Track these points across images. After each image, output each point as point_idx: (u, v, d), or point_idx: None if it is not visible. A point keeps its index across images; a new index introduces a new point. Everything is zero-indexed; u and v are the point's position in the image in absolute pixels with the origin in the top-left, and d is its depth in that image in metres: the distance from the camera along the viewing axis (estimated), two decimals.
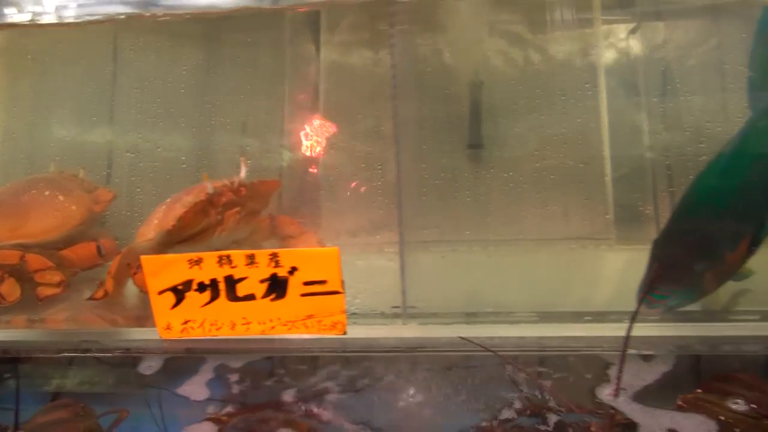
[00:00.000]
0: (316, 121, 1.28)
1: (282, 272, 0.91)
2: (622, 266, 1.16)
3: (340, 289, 0.91)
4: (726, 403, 0.84)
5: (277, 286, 0.92)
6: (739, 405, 0.83)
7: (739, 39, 1.18)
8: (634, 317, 0.84)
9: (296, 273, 0.91)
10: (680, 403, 0.87)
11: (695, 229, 0.85)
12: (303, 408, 0.96)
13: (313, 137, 1.27)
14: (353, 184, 1.21)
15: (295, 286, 0.92)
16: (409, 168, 1.23)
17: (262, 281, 0.92)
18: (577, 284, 1.09)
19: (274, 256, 0.91)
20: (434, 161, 1.26)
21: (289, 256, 0.91)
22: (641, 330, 0.92)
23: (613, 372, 0.91)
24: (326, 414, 0.95)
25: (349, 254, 1.16)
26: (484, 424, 0.89)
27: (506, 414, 0.90)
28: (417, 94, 1.26)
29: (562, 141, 1.25)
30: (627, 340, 0.84)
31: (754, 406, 0.83)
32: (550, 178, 1.24)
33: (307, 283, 0.91)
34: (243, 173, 1.06)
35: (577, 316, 0.93)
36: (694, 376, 0.95)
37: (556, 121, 1.25)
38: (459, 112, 1.25)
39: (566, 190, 1.23)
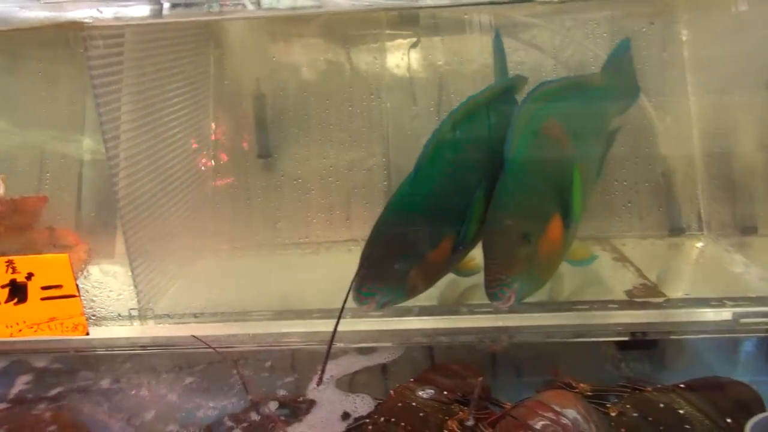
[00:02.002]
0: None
1: (20, 278, 0.96)
2: None
3: (76, 293, 0.96)
4: (420, 391, 0.92)
5: (17, 291, 0.97)
6: (427, 392, 0.91)
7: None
8: (341, 313, 0.92)
9: (33, 278, 0.96)
10: (391, 392, 0.95)
11: (393, 231, 0.94)
12: (63, 403, 1.01)
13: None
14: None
15: (34, 291, 0.97)
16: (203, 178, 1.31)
17: (2, 287, 0.97)
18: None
19: (11, 262, 0.96)
20: (228, 171, 1.34)
21: (24, 262, 0.96)
22: (367, 325, 1.01)
23: (344, 362, 1.00)
24: (87, 408, 1.00)
25: None
26: (235, 413, 0.95)
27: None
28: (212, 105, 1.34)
29: (348, 149, 1.33)
30: (334, 334, 0.91)
31: (446, 392, 0.92)
32: (336, 184, 1.33)
33: (44, 288, 0.96)
34: (1, 190, 1.11)
35: (308, 313, 1.01)
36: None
37: (343, 130, 1.33)
38: (250, 123, 1.33)
39: (350, 196, 1.32)
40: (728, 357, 0.99)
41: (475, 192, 0.96)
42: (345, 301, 0.92)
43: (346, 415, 0.92)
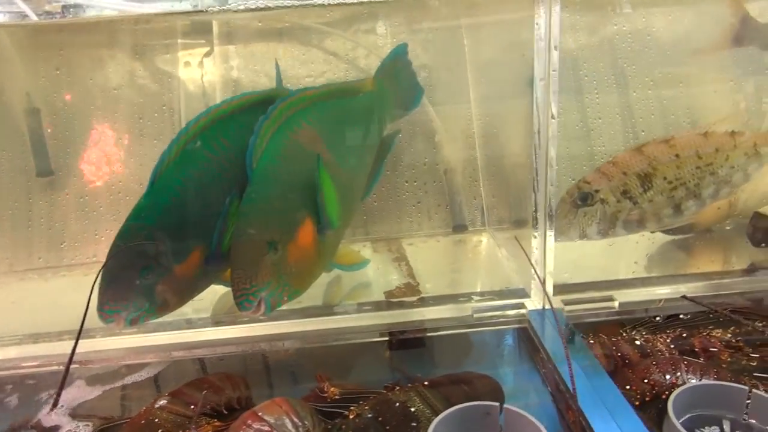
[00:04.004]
0: None
1: None
2: None
3: None
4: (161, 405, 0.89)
5: None
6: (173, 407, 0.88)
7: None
8: (79, 334, 0.88)
9: None
10: (141, 410, 0.91)
11: (132, 245, 0.90)
12: None
13: None
14: None
15: None
16: None
17: None
18: None
19: None
20: (4, 191, 1.26)
21: None
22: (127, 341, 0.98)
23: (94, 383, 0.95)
24: None
25: None
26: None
27: None
28: None
29: (138, 163, 1.29)
30: (72, 356, 0.87)
31: (193, 407, 0.90)
32: (126, 200, 1.27)
33: None
34: None
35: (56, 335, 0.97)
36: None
37: (134, 144, 1.29)
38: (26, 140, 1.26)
39: None
40: (486, 350, 1.01)
41: (224, 203, 0.94)
42: (83, 321, 0.88)
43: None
